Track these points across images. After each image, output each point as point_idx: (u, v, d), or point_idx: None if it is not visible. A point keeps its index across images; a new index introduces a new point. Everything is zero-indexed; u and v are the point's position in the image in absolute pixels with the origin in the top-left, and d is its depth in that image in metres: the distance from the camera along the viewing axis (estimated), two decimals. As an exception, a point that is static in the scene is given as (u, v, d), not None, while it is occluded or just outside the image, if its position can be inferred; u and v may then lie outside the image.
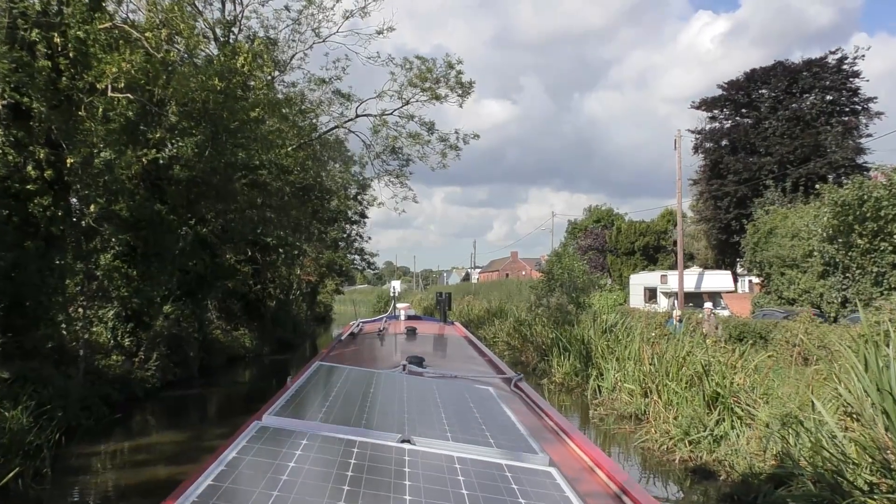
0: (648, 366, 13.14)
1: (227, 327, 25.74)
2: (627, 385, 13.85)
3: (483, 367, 5.34)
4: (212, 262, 20.86)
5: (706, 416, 10.11)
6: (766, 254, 32.69)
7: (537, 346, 21.52)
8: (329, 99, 26.75)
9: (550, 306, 23.67)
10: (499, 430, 2.94)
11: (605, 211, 65.00)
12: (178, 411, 16.10)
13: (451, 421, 3.00)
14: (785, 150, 40.34)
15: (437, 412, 3.16)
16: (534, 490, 2.17)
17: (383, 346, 6.44)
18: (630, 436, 11.79)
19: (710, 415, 10.17)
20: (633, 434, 11.72)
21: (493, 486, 2.16)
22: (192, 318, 20.61)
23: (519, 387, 4.50)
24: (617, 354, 15.26)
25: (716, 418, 9.94)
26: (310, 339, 39.23)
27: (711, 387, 10.42)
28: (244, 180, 21.62)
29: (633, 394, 13.41)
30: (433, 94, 24.50)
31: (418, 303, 55.42)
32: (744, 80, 43.66)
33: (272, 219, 24.03)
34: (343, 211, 33.76)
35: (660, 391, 12.16)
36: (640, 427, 11.90)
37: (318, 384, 3.54)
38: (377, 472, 2.15)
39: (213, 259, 21.10)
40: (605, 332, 16.91)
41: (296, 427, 2.55)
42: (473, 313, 41.99)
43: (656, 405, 11.99)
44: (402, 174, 27.65)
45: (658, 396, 12.14)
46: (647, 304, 25.89)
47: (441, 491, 2.05)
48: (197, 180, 17.97)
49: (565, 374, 17.38)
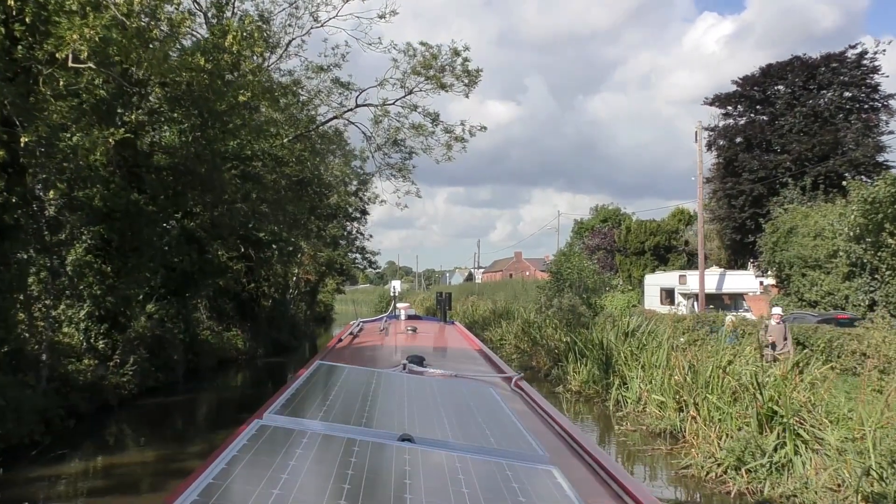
0: (682, 376, 11.63)
1: (218, 328, 24.25)
2: (656, 396, 12.34)
3: (484, 367, 5.28)
4: (200, 258, 19.39)
5: (761, 437, 8.58)
6: (786, 254, 31.20)
7: (549, 350, 20.01)
8: (328, 88, 25.26)
9: (562, 307, 22.15)
10: (499, 429, 2.91)
11: (611, 210, 63.63)
12: (155, 422, 14.60)
13: (451, 420, 2.98)
14: (802, 147, 38.83)
15: (438, 411, 3.15)
16: (534, 489, 2.15)
17: (384, 345, 6.37)
18: (665, 458, 10.27)
19: (765, 436, 8.65)
20: (670, 456, 10.20)
21: (493, 486, 2.14)
22: (178, 318, 19.14)
23: (519, 386, 4.45)
24: (642, 362, 13.75)
25: (774, 441, 8.41)
26: (309, 340, 37.81)
27: (766, 403, 8.88)
28: (235, 171, 20.17)
29: (665, 407, 11.90)
30: (438, 83, 22.95)
31: (420, 303, 54.02)
32: (759, 76, 42.13)
33: (266, 213, 22.56)
34: (343, 207, 32.26)
35: (698, 406, 10.65)
36: (676, 447, 10.39)
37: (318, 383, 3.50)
38: (377, 472, 2.15)
39: (202, 255, 19.63)
40: (628, 337, 15.36)
41: (296, 426, 2.54)
42: (478, 314, 40.52)
43: (694, 422, 10.48)
44: (404, 167, 26.12)
45: (696, 412, 10.63)
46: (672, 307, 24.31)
47: (442, 490, 2.04)
48: (180, 168, 16.49)
49: (582, 382, 15.86)
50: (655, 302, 27.02)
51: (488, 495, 2.04)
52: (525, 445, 2.69)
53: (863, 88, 39.86)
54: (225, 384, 21.01)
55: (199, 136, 17.30)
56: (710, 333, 13.38)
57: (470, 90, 24.09)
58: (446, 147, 23.97)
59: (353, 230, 46.56)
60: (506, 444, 2.66)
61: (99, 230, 13.92)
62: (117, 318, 15.00)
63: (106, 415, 13.60)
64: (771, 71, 41.93)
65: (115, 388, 14.43)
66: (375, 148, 25.76)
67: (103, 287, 14.22)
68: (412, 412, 3.04)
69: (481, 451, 2.52)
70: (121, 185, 14.17)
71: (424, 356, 4.79)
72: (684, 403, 11.29)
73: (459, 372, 4.56)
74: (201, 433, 14.03)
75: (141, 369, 15.87)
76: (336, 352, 5.77)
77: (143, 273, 16.20)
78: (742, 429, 9.48)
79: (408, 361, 4.56)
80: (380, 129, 25.25)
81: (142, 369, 15.92)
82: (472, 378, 4.43)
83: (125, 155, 14.64)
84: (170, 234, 18.41)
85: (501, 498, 2.04)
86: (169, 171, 16.77)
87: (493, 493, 2.06)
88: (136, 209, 14.55)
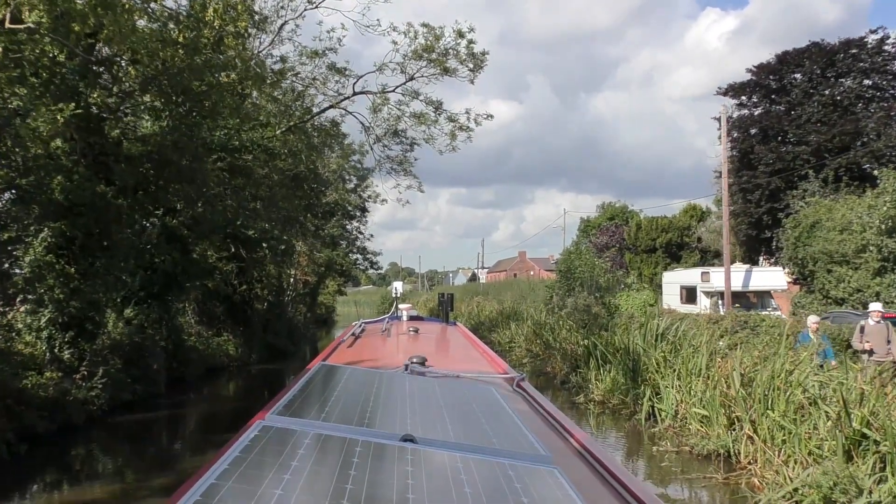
0: (730, 386, 9.97)
1: (207, 333, 22.62)
2: (698, 411, 10.67)
3: (486, 367, 5.21)
4: (183, 258, 17.75)
5: (851, 467, 6.90)
6: (809, 249, 29.54)
7: (565, 354, 18.34)
8: (324, 76, 23.61)
9: (578, 307, 20.48)
10: (502, 430, 2.87)
11: (618, 208, 62.11)
12: (127, 442, 12.96)
13: (453, 420, 2.95)
14: (822, 137, 37.16)
15: (440, 412, 3.11)
16: (537, 490, 2.13)
17: (385, 346, 6.37)
18: (721, 488, 8.59)
19: (854, 465, 6.98)
20: (726, 487, 8.53)
21: (496, 486, 2.12)
22: (160, 323, 17.51)
23: (521, 386, 4.38)
24: (676, 369, 12.09)
25: (869, 474, 6.74)
26: (310, 343, 36.23)
27: (856, 424, 7.20)
28: (221, 164, 18.55)
29: (709, 423, 10.24)
30: (441, 67, 21.25)
31: (424, 304, 52.45)
32: (775, 63, 40.47)
33: (258, 210, 20.94)
34: (341, 205, 30.59)
35: (755, 423, 8.98)
36: (733, 476, 8.72)
37: (320, 384, 3.45)
38: (380, 472, 2.11)
39: (185, 255, 17.99)
40: (657, 340, 13.66)
41: (298, 427, 2.50)
42: (484, 315, 38.88)
43: (751, 443, 8.82)
44: (405, 161, 24.41)
45: (752, 430, 8.97)
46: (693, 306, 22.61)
47: (444, 491, 2.02)
48: (154, 157, 14.85)
49: (606, 392, 14.20)
50: (675, 301, 25.33)
51: (490, 496, 2.02)
52: (527, 446, 2.68)
53: (885, 75, 38.16)
54: (213, 394, 19.36)
55: (179, 123, 15.71)
56: (797, 344, 11.25)
57: (475, 75, 22.46)
58: (450, 136, 22.28)
59: (353, 230, 44.98)
60: (508, 445, 2.64)
61: (60, 226, 12.29)
62: (84, 325, 13.36)
63: (69, 436, 11.96)
64: (787, 58, 40.24)
65: (81, 403, 12.79)
66: (374, 139, 24.09)
67: (66, 290, 12.58)
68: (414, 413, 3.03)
69: (483, 451, 2.51)
70: (85, 176, 12.54)
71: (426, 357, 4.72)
72: (736, 420, 9.62)
73: (462, 373, 4.51)
74: (183, 455, 12.40)
75: (114, 381, 14.24)
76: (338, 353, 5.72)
77: (113, 275, 14.57)
78: (812, 452, 7.83)
79: (410, 362, 4.50)
80: (379, 119, 23.59)
81: (115, 381, 14.29)
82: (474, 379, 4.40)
83: (91, 142, 13.02)
84: (149, 232, 16.77)
85: (504, 498, 2.02)
86: (145, 162, 15.13)
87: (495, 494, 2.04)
88: (104, 203, 12.92)
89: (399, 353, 5.72)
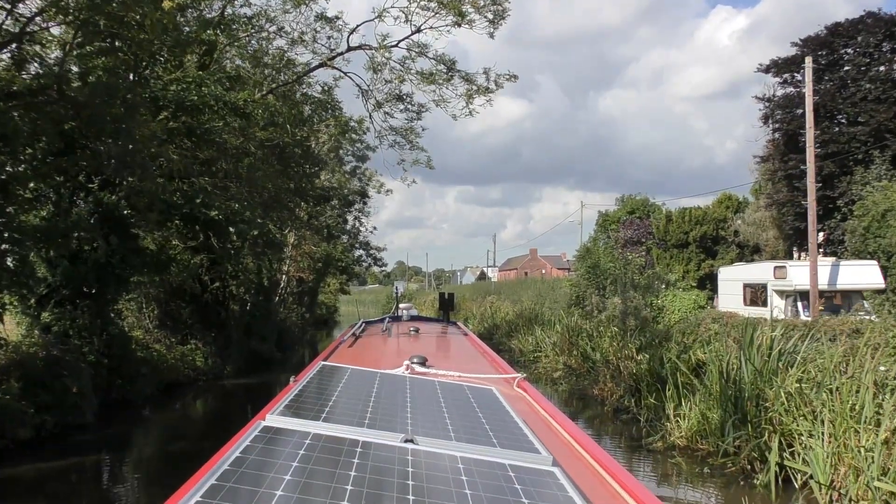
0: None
1: (171, 340, 18.55)
2: (886, 486, 6.52)
3: (486, 367, 5.11)
4: (122, 245, 13.69)
5: None
6: (883, 241, 25.36)
7: (616, 371, 14.21)
8: (312, 30, 19.50)
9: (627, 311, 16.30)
10: (502, 430, 2.84)
11: (639, 201, 57.92)
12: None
13: (454, 421, 2.92)
14: (882, 116, 33.00)
15: (441, 412, 3.08)
16: (537, 490, 2.11)
17: (386, 346, 6.34)
18: None
19: None
20: None
21: (496, 487, 2.09)
22: (88, 330, 13.45)
23: (522, 386, 4.34)
24: (822, 410, 7.93)
25: None
26: (309, 347, 32.25)
27: None
28: (174, 123, 14.49)
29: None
30: (456, 11, 17.05)
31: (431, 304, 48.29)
32: (826, 35, 36.25)
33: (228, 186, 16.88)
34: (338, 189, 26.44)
35: None
36: None
37: (320, 384, 3.40)
38: (380, 472, 2.09)
39: (126, 241, 13.92)
40: (775, 361, 9.45)
41: (299, 427, 2.48)
42: (499, 317, 34.75)
43: None
44: (411, 131, 20.23)
45: None
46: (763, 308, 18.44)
47: (444, 491, 2.00)
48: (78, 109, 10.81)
49: (692, 433, 10.04)
50: (735, 301, 21.18)
51: (491, 496, 2.00)
52: (528, 446, 2.62)
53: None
54: (165, 421, 15.24)
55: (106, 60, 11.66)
56: None
57: (496, 27, 18.29)
58: (466, 97, 18.06)
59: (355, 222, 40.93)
60: (509, 445, 2.59)
61: None
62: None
63: None
64: (839, 30, 36.03)
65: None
66: (374, 106, 19.88)
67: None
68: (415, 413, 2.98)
69: (484, 452, 2.47)
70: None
71: (427, 357, 4.63)
72: None
73: (462, 373, 4.43)
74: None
75: (4, 413, 10.22)
76: (338, 353, 5.60)
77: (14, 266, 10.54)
78: None
79: (410, 362, 4.43)
80: (379, 81, 19.41)
81: (6, 413, 10.27)
82: (474, 379, 4.31)
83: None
84: (71, 210, 12.73)
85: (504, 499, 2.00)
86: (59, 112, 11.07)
87: (496, 495, 2.02)
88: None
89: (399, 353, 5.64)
